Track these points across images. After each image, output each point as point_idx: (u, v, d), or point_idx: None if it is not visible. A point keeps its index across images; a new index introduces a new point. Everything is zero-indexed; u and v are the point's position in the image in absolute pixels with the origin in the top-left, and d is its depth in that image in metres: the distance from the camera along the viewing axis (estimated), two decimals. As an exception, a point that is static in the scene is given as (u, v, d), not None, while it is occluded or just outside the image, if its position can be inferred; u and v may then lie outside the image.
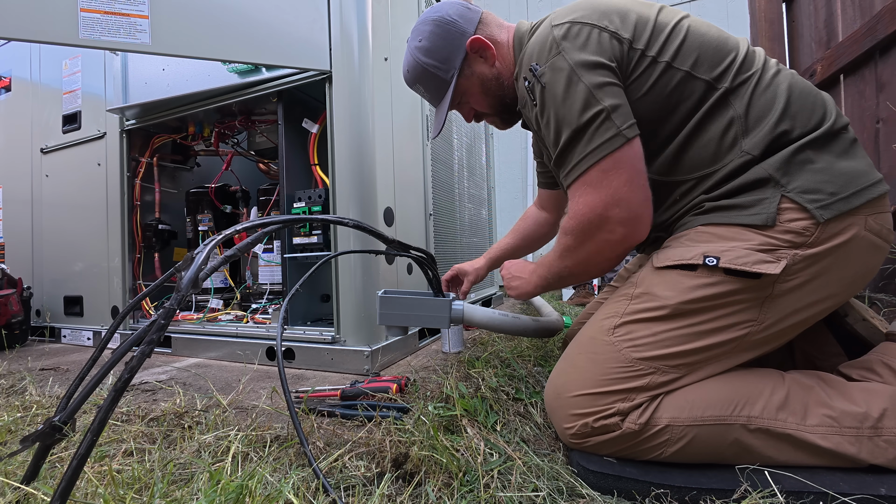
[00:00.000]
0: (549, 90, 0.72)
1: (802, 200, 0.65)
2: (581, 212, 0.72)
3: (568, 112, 0.70)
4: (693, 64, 0.71)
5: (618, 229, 0.70)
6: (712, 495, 0.60)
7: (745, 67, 0.72)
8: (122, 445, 0.74)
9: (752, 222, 0.66)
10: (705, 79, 0.71)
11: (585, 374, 0.70)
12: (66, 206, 1.90)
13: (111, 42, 1.05)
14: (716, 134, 0.71)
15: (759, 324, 0.66)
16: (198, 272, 0.44)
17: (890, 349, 0.72)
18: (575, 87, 0.69)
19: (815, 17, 1.67)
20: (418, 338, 1.46)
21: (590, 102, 0.68)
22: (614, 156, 0.68)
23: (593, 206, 0.70)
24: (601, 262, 0.76)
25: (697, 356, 0.67)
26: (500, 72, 0.88)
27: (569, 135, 0.71)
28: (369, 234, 0.93)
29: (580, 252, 0.76)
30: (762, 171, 0.68)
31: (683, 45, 0.72)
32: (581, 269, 0.80)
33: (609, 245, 0.72)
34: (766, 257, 0.64)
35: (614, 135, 0.68)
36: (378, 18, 1.30)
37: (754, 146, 0.69)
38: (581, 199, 0.72)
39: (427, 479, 0.62)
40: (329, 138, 1.26)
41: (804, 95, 0.70)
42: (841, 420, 0.63)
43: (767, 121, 0.69)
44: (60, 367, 1.39)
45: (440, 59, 0.87)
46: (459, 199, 1.96)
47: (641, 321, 0.70)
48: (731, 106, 0.71)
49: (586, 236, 0.73)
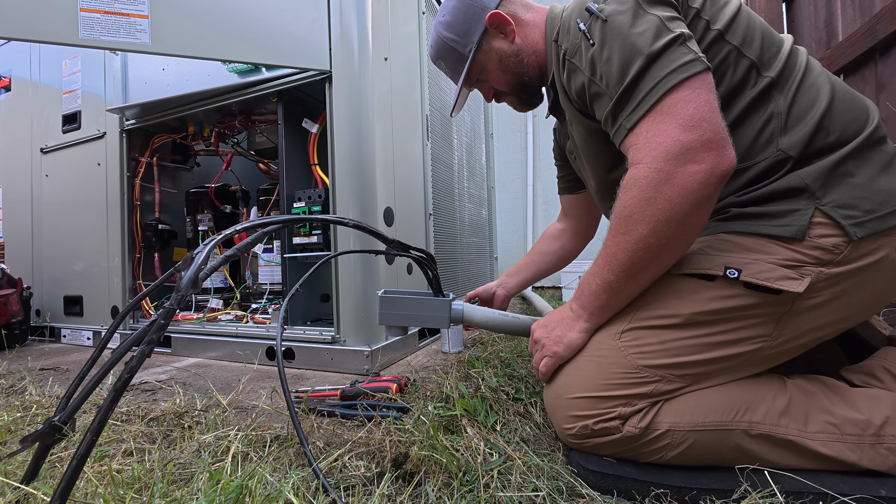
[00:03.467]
0: (613, 22, 0.63)
1: (837, 216, 0.60)
2: (654, 142, 0.59)
3: (639, 39, 0.61)
4: (742, 41, 0.66)
5: (705, 156, 0.57)
6: (712, 495, 0.60)
7: (791, 62, 0.68)
8: (122, 445, 0.74)
9: (781, 234, 0.62)
10: (752, 58, 0.66)
11: (588, 377, 0.68)
12: (66, 206, 1.90)
13: (111, 42, 1.05)
14: (754, 128, 0.67)
15: (773, 339, 0.64)
16: (197, 272, 0.44)
17: (891, 354, 0.72)
18: (644, 17, 0.62)
19: (814, 17, 1.67)
20: (418, 338, 1.47)
21: (662, 31, 0.61)
22: (694, 80, 0.59)
23: (669, 132, 0.58)
24: (689, 215, 0.58)
25: (705, 367, 0.65)
26: (521, 49, 0.84)
27: (641, 63, 0.61)
28: (369, 233, 0.93)
29: (657, 205, 0.58)
30: (798, 179, 0.63)
31: (736, 19, 0.67)
32: (661, 237, 0.60)
33: (698, 180, 0.57)
34: (789, 273, 0.60)
35: (694, 59, 0.59)
36: (378, 18, 1.30)
37: (791, 146, 0.65)
38: (653, 130, 0.60)
39: (427, 479, 0.62)
40: (329, 138, 1.26)
41: (847, 98, 0.67)
42: (843, 427, 0.62)
43: (808, 121, 0.65)
44: (60, 367, 1.39)
45: (459, 33, 0.85)
46: (459, 199, 1.96)
47: (651, 328, 0.67)
48: (773, 100, 0.66)
49: (664, 177, 0.58)
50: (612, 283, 0.66)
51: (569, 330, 0.72)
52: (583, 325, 0.71)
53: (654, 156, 0.59)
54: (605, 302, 0.68)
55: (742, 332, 0.64)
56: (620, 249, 0.63)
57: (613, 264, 0.65)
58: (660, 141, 0.59)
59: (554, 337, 0.73)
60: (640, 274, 0.64)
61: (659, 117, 0.60)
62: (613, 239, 0.64)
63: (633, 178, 0.61)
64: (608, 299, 0.68)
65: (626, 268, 0.64)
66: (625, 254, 0.63)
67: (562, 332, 0.72)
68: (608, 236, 0.66)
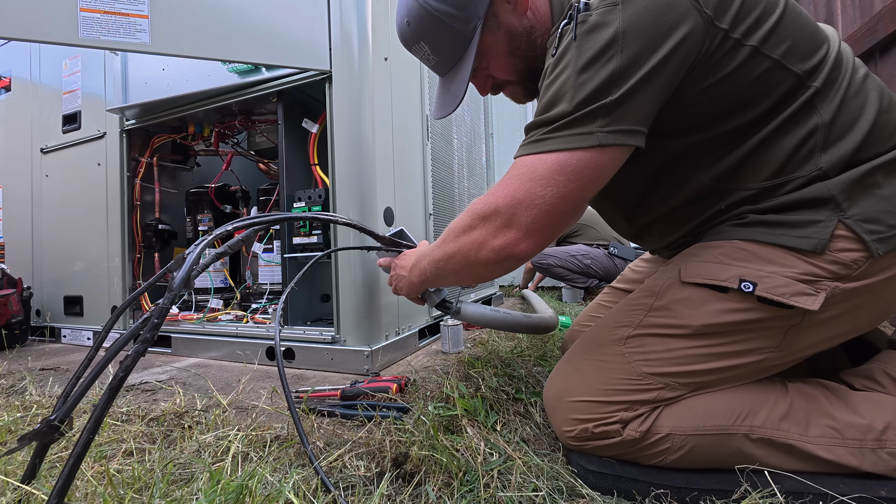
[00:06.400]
0: (577, 48, 0.57)
1: (860, 230, 0.57)
2: (496, 192, 0.63)
3: (575, 88, 0.56)
4: (785, 52, 0.59)
5: (508, 232, 0.62)
6: (712, 496, 0.60)
7: (837, 64, 0.61)
8: (122, 445, 0.74)
9: (800, 246, 0.59)
10: (796, 71, 0.59)
11: (590, 381, 0.68)
12: (66, 206, 1.90)
13: (111, 42, 1.05)
14: (794, 141, 0.60)
15: (780, 350, 0.63)
16: (189, 271, 0.45)
17: (892, 358, 0.71)
18: (599, 64, 0.55)
19: (814, 17, 1.67)
20: (418, 338, 1.46)
21: (600, 92, 0.55)
22: (580, 155, 0.56)
23: (510, 190, 0.61)
24: (475, 264, 0.67)
25: (710, 377, 0.65)
26: (533, 25, 0.70)
27: (561, 109, 0.57)
28: (361, 231, 0.94)
29: (462, 240, 0.67)
30: (824, 189, 0.59)
31: (777, 29, 0.58)
32: (456, 262, 0.70)
33: (490, 243, 0.63)
34: (805, 289, 0.58)
35: (589, 132, 0.56)
36: (378, 18, 1.30)
37: (832, 164, 0.59)
38: (511, 179, 0.62)
39: (427, 479, 0.62)
40: (329, 138, 1.26)
41: (893, 106, 0.61)
42: (844, 432, 0.61)
43: (854, 135, 0.59)
44: (60, 367, 1.39)
45: (458, 4, 0.68)
46: (459, 198, 1.96)
47: (657, 336, 0.66)
48: (817, 111, 0.60)
49: (478, 221, 0.65)
50: (426, 271, 0.79)
51: (405, 281, 0.89)
52: (414, 280, 0.86)
53: (489, 201, 0.64)
54: (424, 280, 0.82)
55: (749, 344, 0.63)
56: (437, 253, 0.74)
57: (432, 259, 0.76)
58: (499, 193, 0.62)
59: (397, 278, 0.92)
60: (445, 278, 0.76)
61: (520, 173, 0.61)
62: (438, 243, 0.75)
63: (474, 204, 0.67)
64: (426, 280, 0.82)
65: (436, 269, 0.76)
66: (439, 257, 0.74)
67: (400, 278, 0.91)
68: (439, 240, 0.75)
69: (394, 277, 0.94)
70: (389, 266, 0.99)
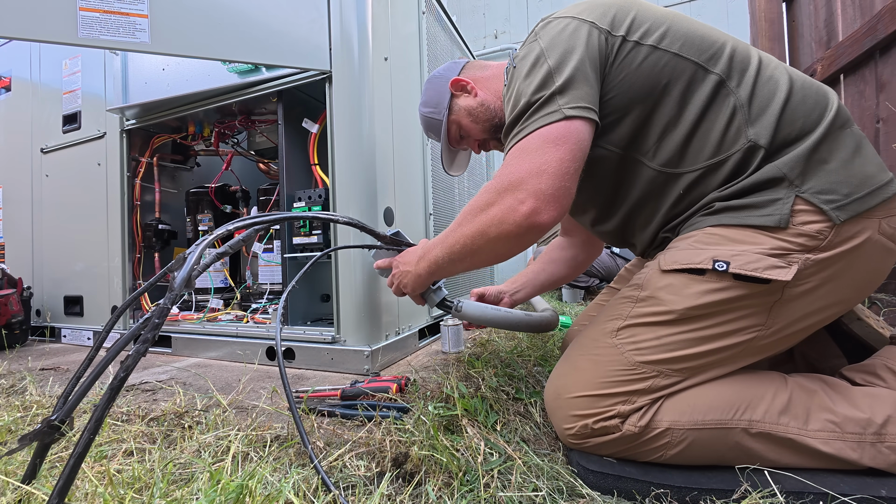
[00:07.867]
0: (515, 72, 0.76)
1: (818, 201, 0.63)
2: (503, 172, 0.70)
3: (526, 88, 0.72)
4: (680, 48, 0.72)
5: (528, 200, 0.66)
6: (712, 495, 0.60)
7: (741, 58, 0.72)
8: (123, 445, 0.74)
9: (765, 223, 0.65)
10: (695, 60, 0.71)
11: (587, 376, 0.70)
12: (67, 206, 1.89)
13: (111, 41, 1.05)
14: (722, 122, 0.70)
15: (767, 328, 0.66)
16: (190, 271, 0.45)
17: (894, 353, 0.72)
18: (534, 72, 0.71)
19: (814, 17, 1.67)
20: (418, 338, 1.46)
21: (545, 83, 0.70)
22: (556, 126, 0.67)
23: (521, 167, 0.69)
24: (497, 239, 0.70)
25: (702, 360, 0.66)
26: (486, 98, 0.95)
27: (522, 106, 0.72)
28: (362, 230, 0.95)
29: (481, 218, 0.71)
30: (775, 169, 0.66)
31: (668, 33, 0.72)
32: (474, 242, 0.73)
33: (512, 216, 0.67)
34: (777, 262, 0.62)
35: (555, 110, 0.68)
36: (378, 18, 1.30)
37: (759, 134, 0.68)
38: (513, 160, 0.70)
39: (427, 479, 0.62)
40: (329, 138, 1.26)
41: (806, 86, 0.70)
42: (843, 425, 0.62)
43: (772, 109, 0.68)
44: (60, 367, 1.39)
45: (433, 105, 1.01)
46: (459, 199, 1.96)
47: (646, 325, 0.69)
48: (733, 93, 0.70)
49: (496, 197, 0.69)
50: (437, 259, 0.81)
51: (412, 273, 0.90)
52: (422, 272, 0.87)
53: (499, 178, 0.70)
54: (439, 264, 0.82)
55: (736, 324, 0.65)
56: (454, 237, 0.77)
57: (445, 245, 0.79)
58: (507, 171, 0.69)
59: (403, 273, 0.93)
60: (460, 262, 0.78)
61: (517, 154, 0.70)
62: (454, 226, 0.77)
63: (487, 186, 0.72)
64: (436, 271, 0.84)
65: (450, 254, 0.78)
66: (455, 240, 0.76)
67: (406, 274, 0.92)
68: (454, 223, 0.78)
69: (397, 275, 0.94)
70: (388, 267, 0.99)
